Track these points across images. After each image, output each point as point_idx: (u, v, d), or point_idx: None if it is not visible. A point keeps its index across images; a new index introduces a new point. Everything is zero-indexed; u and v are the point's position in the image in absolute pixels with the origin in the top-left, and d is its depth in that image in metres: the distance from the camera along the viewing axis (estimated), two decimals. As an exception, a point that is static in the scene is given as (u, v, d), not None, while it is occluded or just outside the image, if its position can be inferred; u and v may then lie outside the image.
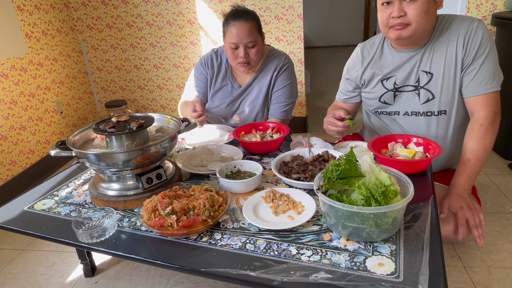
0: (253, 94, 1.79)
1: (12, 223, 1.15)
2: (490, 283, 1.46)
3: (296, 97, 1.83)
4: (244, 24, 1.58)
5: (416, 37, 1.32)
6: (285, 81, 1.76)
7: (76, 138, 1.26)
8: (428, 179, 1.21)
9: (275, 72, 1.75)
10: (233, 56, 1.65)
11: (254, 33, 1.61)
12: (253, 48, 1.63)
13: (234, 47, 1.62)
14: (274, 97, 1.78)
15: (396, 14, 1.27)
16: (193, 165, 1.38)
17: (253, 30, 1.61)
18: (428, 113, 1.43)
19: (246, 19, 1.59)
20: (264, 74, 1.77)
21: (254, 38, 1.61)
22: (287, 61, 1.78)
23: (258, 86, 1.78)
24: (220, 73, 1.81)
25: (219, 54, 1.83)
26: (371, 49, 1.52)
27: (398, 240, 0.92)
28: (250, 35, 1.60)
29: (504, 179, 2.18)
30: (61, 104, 2.95)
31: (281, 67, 1.75)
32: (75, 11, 3.10)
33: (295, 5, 2.80)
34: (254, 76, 1.77)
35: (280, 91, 1.76)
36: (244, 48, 1.61)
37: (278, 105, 1.77)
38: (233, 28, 1.59)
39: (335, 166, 0.98)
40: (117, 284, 1.60)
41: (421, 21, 1.27)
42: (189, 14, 2.97)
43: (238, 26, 1.58)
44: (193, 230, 0.99)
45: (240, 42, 1.60)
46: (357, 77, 1.55)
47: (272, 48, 1.81)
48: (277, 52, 1.80)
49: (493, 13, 2.39)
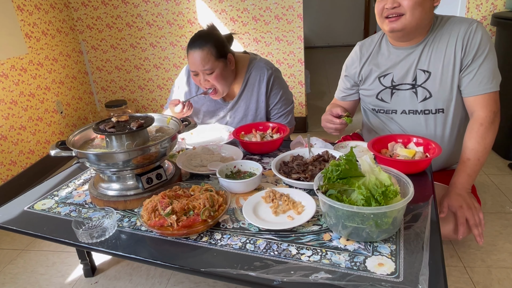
0: (240, 112, 1.74)
1: (12, 223, 1.15)
2: (490, 283, 1.46)
3: (292, 102, 1.81)
4: (197, 52, 1.52)
5: (410, 31, 1.32)
6: (279, 93, 1.71)
7: (76, 138, 1.26)
8: (428, 179, 1.21)
9: (263, 87, 1.68)
10: (197, 82, 1.63)
11: (209, 60, 1.53)
12: (211, 75, 1.56)
13: (194, 74, 1.60)
14: (274, 112, 1.75)
15: (390, 5, 1.28)
16: (193, 165, 1.38)
17: (208, 57, 1.53)
18: (425, 111, 1.43)
19: (200, 47, 1.52)
20: (249, 90, 1.70)
21: (210, 66, 1.54)
22: (271, 71, 1.68)
23: (245, 102, 1.72)
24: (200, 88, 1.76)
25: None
26: (369, 46, 1.53)
27: (398, 240, 0.93)
28: (205, 63, 1.53)
29: (504, 179, 2.18)
30: (61, 104, 2.95)
31: (267, 81, 1.67)
32: (75, 11, 3.10)
33: (295, 5, 2.80)
34: (240, 91, 1.71)
35: (278, 104, 1.73)
36: (203, 75, 1.58)
37: (281, 119, 1.75)
38: (189, 56, 1.56)
39: (335, 166, 0.98)
40: (117, 284, 1.60)
41: (415, 12, 1.27)
42: (189, 14, 2.97)
43: (192, 54, 1.54)
44: (193, 230, 0.99)
45: (197, 69, 1.56)
46: (355, 73, 1.55)
47: (251, 58, 1.72)
48: (257, 63, 1.69)
49: (493, 13, 2.39)
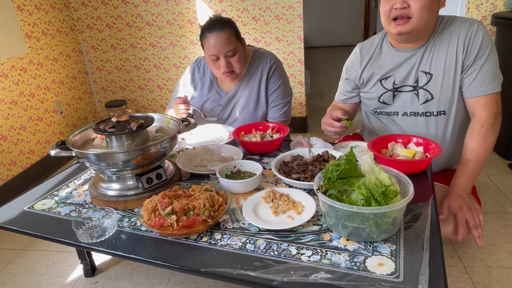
0: (243, 100, 1.75)
1: (12, 223, 1.15)
2: (490, 283, 1.46)
3: (291, 95, 1.80)
4: (220, 34, 1.52)
5: (417, 33, 1.32)
6: (277, 82, 1.72)
7: (76, 138, 1.26)
8: (428, 179, 1.21)
9: (264, 75, 1.70)
10: (216, 68, 1.61)
11: (232, 41, 1.55)
12: (234, 57, 1.57)
13: (215, 58, 1.58)
14: (271, 100, 1.75)
15: (400, 5, 1.25)
16: (193, 165, 1.38)
17: (231, 38, 1.55)
18: (427, 114, 1.42)
19: (221, 28, 1.53)
20: (251, 78, 1.72)
21: (233, 46, 1.55)
22: (274, 61, 1.72)
23: (247, 91, 1.73)
24: (205, 85, 1.78)
25: (202, 66, 1.80)
26: (370, 48, 1.51)
27: (398, 240, 0.92)
28: (228, 44, 1.54)
29: (504, 179, 2.18)
30: (61, 104, 2.95)
31: (269, 69, 1.70)
32: (75, 11, 3.10)
33: (295, 5, 2.80)
34: (240, 81, 1.73)
35: (275, 93, 1.74)
36: (225, 58, 1.56)
37: (276, 108, 1.76)
38: (210, 40, 1.54)
39: (335, 166, 0.98)
40: (117, 284, 1.60)
41: (424, 15, 1.26)
42: (189, 14, 2.97)
43: (215, 37, 1.53)
44: (193, 230, 0.99)
45: (220, 52, 1.55)
46: (356, 77, 1.54)
47: (256, 49, 1.75)
48: (261, 53, 1.73)
49: (493, 13, 2.39)
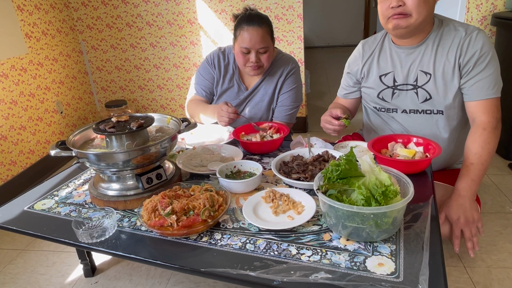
0: (258, 97, 1.77)
1: (12, 223, 1.15)
2: (490, 283, 1.46)
3: (300, 102, 1.82)
4: (257, 30, 1.55)
5: (414, 28, 1.32)
6: (292, 85, 1.75)
7: (76, 138, 1.26)
8: (428, 179, 1.21)
9: (282, 76, 1.74)
10: (244, 60, 1.62)
11: (267, 39, 1.58)
12: (264, 54, 1.60)
13: (246, 51, 1.59)
14: (280, 99, 1.77)
15: (395, 3, 1.27)
16: (193, 165, 1.38)
17: (266, 36, 1.58)
18: (427, 111, 1.43)
19: (259, 25, 1.55)
20: (271, 78, 1.75)
21: (267, 44, 1.58)
22: (295, 66, 1.76)
23: (264, 89, 1.76)
24: (227, 74, 1.79)
25: (226, 54, 1.80)
26: (372, 44, 1.53)
27: (398, 240, 0.93)
28: (263, 41, 1.56)
29: (504, 179, 2.18)
30: (61, 104, 2.95)
31: (288, 71, 1.74)
32: (75, 11, 3.10)
33: (295, 5, 2.80)
34: (261, 79, 1.75)
35: (286, 94, 1.75)
36: (256, 53, 1.58)
37: (283, 108, 1.76)
38: (246, 32, 1.56)
39: (335, 166, 0.98)
40: (117, 284, 1.60)
41: (421, 10, 1.26)
42: (189, 14, 2.97)
43: (252, 31, 1.55)
44: (193, 230, 0.99)
45: (253, 47, 1.57)
46: (357, 71, 1.56)
47: (279, 51, 1.79)
48: (285, 56, 1.78)
49: (493, 13, 2.39)
